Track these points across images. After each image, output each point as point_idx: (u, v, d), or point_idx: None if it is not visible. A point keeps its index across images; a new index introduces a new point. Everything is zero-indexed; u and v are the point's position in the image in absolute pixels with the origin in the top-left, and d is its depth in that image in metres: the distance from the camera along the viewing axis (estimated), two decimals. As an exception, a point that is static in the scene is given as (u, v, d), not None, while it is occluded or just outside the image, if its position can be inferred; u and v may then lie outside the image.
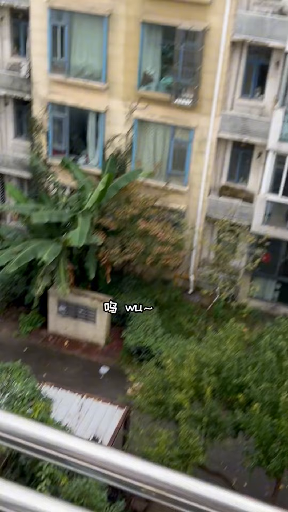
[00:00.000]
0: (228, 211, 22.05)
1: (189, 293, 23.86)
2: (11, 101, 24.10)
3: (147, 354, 20.86)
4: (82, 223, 20.22)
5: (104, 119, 22.53)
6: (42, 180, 24.29)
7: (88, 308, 21.65)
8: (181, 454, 14.09)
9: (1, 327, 22.87)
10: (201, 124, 21.39)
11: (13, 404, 12.96)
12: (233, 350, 15.10)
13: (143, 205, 21.52)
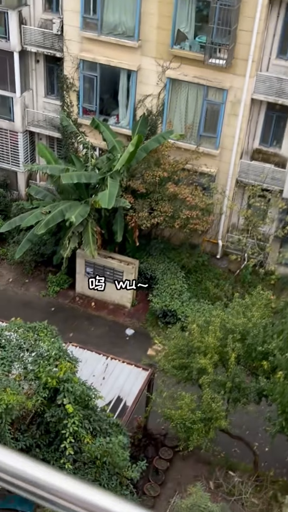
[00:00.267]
0: (260, 176, 21.65)
1: (217, 258, 23.70)
2: (43, 58, 23.80)
3: (173, 318, 20.95)
4: (111, 185, 20.09)
5: (136, 78, 22.11)
6: (72, 140, 24.13)
7: (115, 271, 21.71)
8: (203, 418, 14.23)
9: (29, 286, 23.16)
10: (235, 85, 20.83)
11: (40, 363, 13.17)
12: (259, 317, 15.02)
13: (173, 168, 21.24)
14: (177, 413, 14.27)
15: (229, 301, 20.10)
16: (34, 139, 25.53)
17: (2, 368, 13.02)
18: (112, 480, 13.21)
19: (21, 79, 23.90)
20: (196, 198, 20.82)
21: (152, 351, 20.06)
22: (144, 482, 16.29)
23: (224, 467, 16.58)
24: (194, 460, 17.08)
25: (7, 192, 25.78)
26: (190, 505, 11.61)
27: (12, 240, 23.66)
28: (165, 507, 15.91)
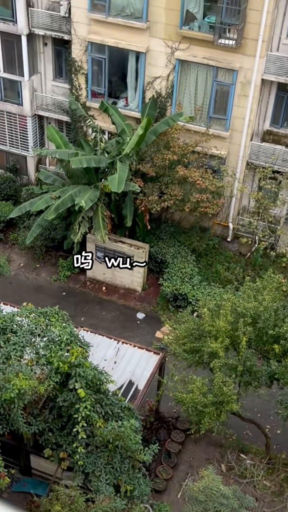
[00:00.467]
0: (271, 158, 21.44)
1: (227, 241, 23.61)
2: (50, 41, 23.59)
3: (184, 301, 20.96)
4: (120, 169, 20.00)
5: (144, 60, 21.87)
6: (81, 124, 24.01)
7: (125, 255, 21.69)
8: (215, 401, 14.29)
9: (40, 271, 23.24)
10: (245, 65, 20.56)
11: (51, 348, 13.25)
12: (270, 301, 14.99)
13: (182, 151, 21.08)
14: (188, 396, 14.34)
15: (240, 285, 20.06)
16: (43, 123, 25.42)
17: (14, 353, 13.12)
18: (124, 464, 13.33)
19: (29, 63, 23.74)
20: (206, 181, 20.68)
21: (160, 334, 20.15)
22: (157, 464, 16.44)
23: (236, 450, 16.68)
24: (206, 443, 17.19)
25: (17, 177, 25.77)
26: (203, 488, 11.69)
27: (22, 225, 23.69)
28: (177, 489, 16.06)
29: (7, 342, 13.37)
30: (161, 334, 20.09)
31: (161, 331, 20.26)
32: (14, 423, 12.59)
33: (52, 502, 12.23)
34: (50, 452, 13.81)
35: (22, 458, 15.71)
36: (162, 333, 20.07)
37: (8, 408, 12.44)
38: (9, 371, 12.48)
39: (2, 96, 24.74)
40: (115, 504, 11.92)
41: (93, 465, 13.18)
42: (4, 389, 12.22)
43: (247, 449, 16.95)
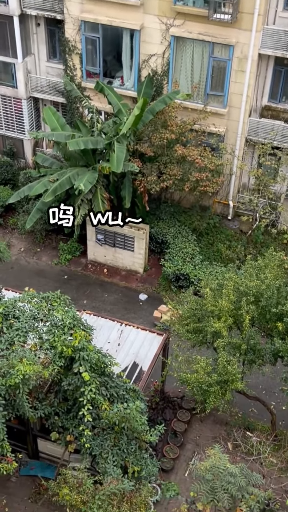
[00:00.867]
0: (270, 134, 21.21)
1: (228, 219, 23.48)
2: (43, 21, 23.22)
3: (186, 281, 20.91)
4: (118, 150, 19.79)
5: (139, 37, 21.52)
6: (76, 105, 23.73)
7: (126, 236, 21.60)
8: (219, 380, 14.30)
9: (41, 255, 23.17)
10: (241, 40, 20.22)
11: (54, 333, 13.23)
12: (272, 279, 14.93)
13: (180, 129, 20.84)
14: (193, 376, 14.35)
15: (242, 263, 20.00)
16: (38, 105, 25.14)
17: (18, 339, 13.10)
18: (131, 445, 13.39)
19: (22, 44, 23.39)
20: (205, 160, 20.49)
21: (158, 312, 20.20)
22: (163, 444, 16.53)
23: (241, 428, 16.75)
24: (212, 421, 17.26)
25: (14, 161, 25.56)
26: (210, 466, 11.74)
27: (21, 209, 23.56)
28: (184, 468, 16.17)
29: (10, 328, 13.35)
30: (159, 313, 20.16)
31: (158, 310, 20.31)
32: (20, 408, 12.63)
33: (60, 485, 12.31)
34: (57, 436, 13.88)
35: (29, 442, 15.80)
36: (160, 312, 20.15)
37: (13, 393, 12.46)
38: (13, 357, 12.48)
39: (-4, 79, 24.44)
40: (123, 485, 11.99)
41: (100, 447, 13.25)
42: (8, 375, 12.23)
43: (253, 426, 17.02)
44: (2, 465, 12.22)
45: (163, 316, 19.88)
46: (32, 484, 15.69)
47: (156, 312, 20.33)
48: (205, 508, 11.97)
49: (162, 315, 19.95)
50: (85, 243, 22.70)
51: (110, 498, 11.83)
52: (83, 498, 11.88)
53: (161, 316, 20.00)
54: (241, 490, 11.68)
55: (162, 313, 20.05)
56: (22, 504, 15.31)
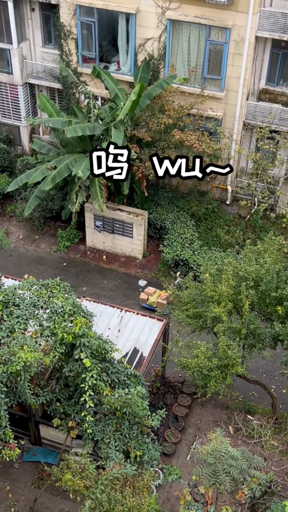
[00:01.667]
0: (268, 117, 21.09)
1: (226, 204, 23.43)
2: (38, 6, 22.96)
3: (185, 267, 20.90)
4: (115, 136, 19.67)
5: (135, 21, 21.31)
6: (73, 91, 23.55)
7: (124, 223, 21.55)
8: (220, 365, 14.35)
9: (40, 242, 23.13)
10: (238, 22, 20.02)
11: (55, 320, 13.23)
12: (272, 263, 14.92)
13: (178, 114, 20.71)
14: (193, 361, 14.40)
15: (241, 248, 19.99)
16: (34, 91, 24.95)
17: (18, 326, 13.11)
18: (133, 430, 13.45)
19: (17, 29, 23.14)
20: (203, 144, 20.38)
21: (144, 295, 20.29)
22: (165, 429, 16.64)
23: (242, 411, 16.85)
24: (213, 405, 17.36)
25: (10, 148, 25.42)
26: (211, 450, 11.82)
27: (19, 197, 23.48)
28: (186, 452, 16.29)
29: (10, 315, 13.35)
30: (145, 295, 20.27)
31: (145, 292, 20.43)
32: (22, 395, 12.66)
33: (63, 471, 12.37)
34: (58, 422, 13.94)
35: (32, 429, 15.89)
36: (146, 294, 20.27)
37: (15, 380, 12.48)
38: (14, 344, 12.49)
39: (-9, 65, 24.22)
40: (126, 470, 12.06)
41: (102, 433, 13.31)
42: (10, 362, 12.24)
43: (253, 410, 17.13)
44: (5, 452, 12.29)
45: (149, 298, 20.07)
46: (35, 470, 15.81)
47: (142, 294, 20.46)
48: (207, 491, 12.07)
49: (149, 297, 20.12)
50: (83, 230, 22.67)
51: (113, 482, 11.91)
52: (86, 483, 11.95)
53: (147, 298, 20.17)
54: (242, 473, 11.77)
55: (149, 295, 20.21)
56: (25, 489, 15.44)
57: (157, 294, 20.19)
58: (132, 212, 21.60)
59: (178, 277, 20.19)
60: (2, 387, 12.21)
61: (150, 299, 20.06)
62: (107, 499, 11.63)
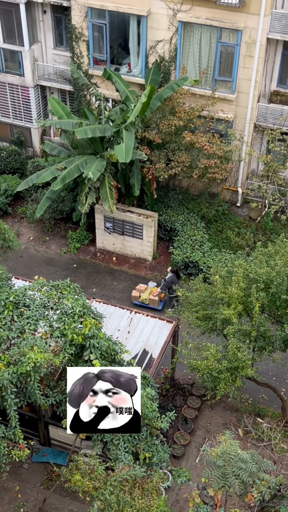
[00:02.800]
0: (279, 119, 21.04)
1: (237, 206, 23.39)
2: (49, 8, 23.08)
3: (195, 269, 20.89)
4: (126, 138, 19.69)
5: (146, 23, 21.35)
6: (84, 93, 23.63)
7: (134, 224, 21.58)
8: (229, 367, 14.31)
9: (50, 244, 23.20)
10: (249, 24, 20.01)
11: (65, 321, 13.27)
12: (282, 265, 14.86)
13: (188, 116, 20.71)
14: (203, 363, 14.37)
15: (251, 250, 19.94)
16: (45, 93, 25.06)
17: (28, 327, 13.15)
18: (142, 431, 13.44)
19: (29, 32, 23.28)
20: (213, 146, 20.37)
21: (136, 292, 20.36)
22: (174, 431, 16.62)
23: (252, 414, 16.79)
24: (222, 408, 17.32)
25: (22, 150, 25.54)
26: (220, 453, 11.78)
27: (30, 198, 23.58)
28: (195, 454, 16.26)
29: (20, 316, 13.40)
30: (137, 292, 20.35)
31: (136, 289, 20.51)
32: (32, 395, 12.70)
33: (72, 472, 12.38)
34: (68, 423, 13.96)
35: (41, 429, 15.93)
36: (138, 291, 20.35)
37: (24, 381, 12.52)
38: (24, 345, 12.54)
39: (3, 67, 24.37)
40: (135, 472, 12.05)
41: (111, 434, 13.32)
42: (20, 362, 12.29)
43: (263, 412, 17.07)
44: (14, 452, 12.32)
45: (141, 295, 20.15)
46: (44, 471, 15.85)
47: (134, 292, 20.54)
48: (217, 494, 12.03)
49: (140, 294, 20.21)
50: (93, 232, 22.72)
51: (122, 484, 11.90)
52: (95, 484, 11.96)
53: (139, 295, 20.25)
54: (252, 476, 11.72)
55: (140, 292, 20.31)
56: (35, 490, 15.48)
57: (148, 291, 20.36)
58: (142, 214, 21.62)
59: (169, 272, 20.14)
60: (12, 387, 12.26)
61: (142, 296, 20.24)
62: (116, 500, 11.63)
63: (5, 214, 24.05)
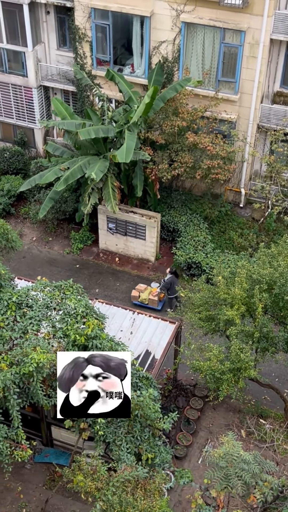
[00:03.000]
0: (282, 120, 21.02)
1: (240, 207, 23.37)
2: (53, 9, 23.10)
3: (198, 270, 20.88)
4: (128, 138, 19.70)
5: (149, 24, 21.35)
6: (87, 93, 23.64)
7: (137, 225, 21.57)
8: (232, 368, 14.29)
9: (53, 244, 23.22)
10: (253, 25, 20.00)
11: (67, 321, 13.26)
12: (286, 267, 14.83)
13: (191, 117, 20.71)
14: (206, 364, 14.36)
15: (254, 251, 19.91)
16: (48, 94, 25.08)
17: (31, 327, 13.16)
18: (144, 432, 13.44)
19: (32, 32, 23.30)
20: (217, 147, 20.36)
21: (136, 292, 20.38)
22: (176, 432, 16.60)
23: (255, 415, 16.77)
24: (225, 409, 17.30)
25: (25, 150, 25.57)
26: (223, 454, 11.77)
27: (33, 199, 23.60)
28: (197, 455, 16.24)
29: (23, 316, 13.41)
30: (136, 292, 20.38)
31: (136, 289, 20.55)
32: (34, 396, 12.70)
33: (74, 472, 12.37)
34: (70, 423, 13.92)
35: (44, 430, 15.93)
36: (138, 291, 20.38)
37: (27, 381, 12.52)
38: (27, 345, 12.54)
39: (6, 68, 24.39)
40: (137, 472, 12.04)
41: (114, 435, 13.30)
42: (22, 363, 12.29)
43: (266, 414, 17.04)
44: (17, 452, 12.32)
45: (141, 295, 20.18)
46: (46, 471, 15.85)
47: (134, 292, 20.57)
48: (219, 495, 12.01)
49: (140, 294, 20.24)
50: (96, 232, 22.72)
51: (124, 485, 11.89)
52: (98, 485, 11.95)
53: (139, 295, 20.28)
54: (254, 477, 11.70)
55: (140, 292, 20.34)
56: (37, 490, 15.48)
57: (148, 291, 20.40)
58: (145, 215, 21.62)
59: (168, 273, 20.14)
60: (14, 388, 12.26)
61: (142, 296, 20.29)
62: (119, 501, 11.62)
63: (8, 215, 24.08)
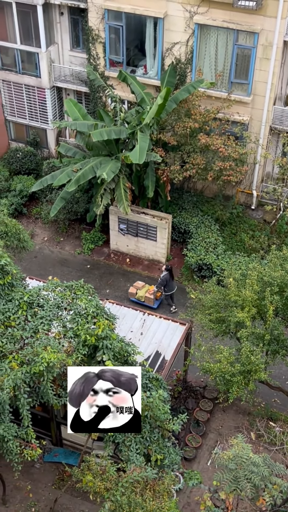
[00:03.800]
0: (294, 122, 20.96)
1: (251, 209, 23.31)
2: (66, 10, 23.19)
3: (208, 271, 20.85)
4: (141, 140, 19.72)
5: (163, 26, 21.37)
6: (99, 94, 23.70)
7: (148, 226, 21.59)
8: (243, 370, 14.26)
9: (64, 244, 23.29)
10: (266, 27, 19.95)
11: (78, 321, 13.31)
12: (297, 269, 14.78)
13: (204, 118, 20.70)
14: (216, 366, 14.33)
15: (265, 253, 19.85)
16: (61, 95, 25.18)
17: (42, 327, 13.21)
18: (154, 433, 13.44)
19: (46, 33, 23.41)
20: (229, 149, 20.33)
21: (133, 289, 20.41)
22: (186, 433, 16.59)
23: (264, 418, 16.72)
24: (234, 411, 17.25)
25: (37, 151, 25.68)
26: (233, 456, 11.74)
27: (45, 199, 23.69)
28: (207, 457, 16.21)
29: (34, 316, 13.47)
30: (134, 289, 20.40)
31: (134, 286, 20.58)
32: (44, 395, 12.75)
33: (83, 472, 12.40)
34: (80, 423, 13.98)
35: (53, 429, 15.98)
36: (135, 288, 20.41)
37: (37, 381, 12.58)
38: (38, 345, 12.60)
39: (20, 68, 24.52)
40: (146, 473, 12.04)
41: (123, 435, 13.32)
42: (33, 362, 12.35)
43: (276, 416, 16.98)
44: (26, 451, 12.38)
45: (138, 292, 20.18)
46: (55, 471, 15.89)
47: (131, 289, 20.59)
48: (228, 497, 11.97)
49: (137, 291, 20.24)
50: (107, 233, 22.77)
51: (133, 485, 11.90)
52: (107, 485, 11.97)
53: (136, 292, 20.29)
54: (264, 480, 11.66)
55: (137, 289, 20.34)
56: (46, 490, 15.53)
57: (145, 289, 20.43)
58: (156, 216, 21.64)
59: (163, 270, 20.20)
60: (25, 387, 12.32)
61: (139, 293, 20.33)
62: (127, 501, 11.63)
63: (20, 215, 24.19)
